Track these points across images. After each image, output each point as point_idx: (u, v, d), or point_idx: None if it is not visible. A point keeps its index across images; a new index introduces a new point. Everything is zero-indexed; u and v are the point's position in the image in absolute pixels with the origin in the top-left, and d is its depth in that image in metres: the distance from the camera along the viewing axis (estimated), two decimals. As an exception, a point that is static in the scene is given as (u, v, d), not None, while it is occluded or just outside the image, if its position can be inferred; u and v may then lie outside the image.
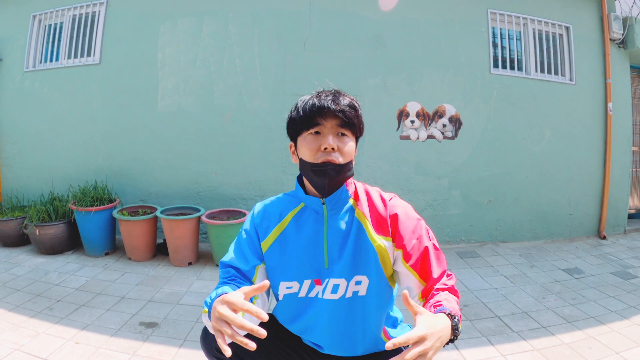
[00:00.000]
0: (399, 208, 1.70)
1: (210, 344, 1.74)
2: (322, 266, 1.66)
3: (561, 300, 4.16)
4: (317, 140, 1.59)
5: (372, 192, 1.77)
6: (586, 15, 6.55)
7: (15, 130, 6.33)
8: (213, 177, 5.78)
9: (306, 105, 1.61)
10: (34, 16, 6.33)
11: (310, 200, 1.69)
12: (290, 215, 1.73)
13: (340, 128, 1.60)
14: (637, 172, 7.54)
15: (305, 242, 1.67)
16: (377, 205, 1.71)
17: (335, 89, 1.68)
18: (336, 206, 1.69)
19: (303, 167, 1.66)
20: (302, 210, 1.73)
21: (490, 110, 6.12)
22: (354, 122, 1.61)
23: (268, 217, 1.75)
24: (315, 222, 1.69)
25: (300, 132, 1.65)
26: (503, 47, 6.32)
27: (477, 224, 6.17)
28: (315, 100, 1.60)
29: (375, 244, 1.63)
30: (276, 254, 1.69)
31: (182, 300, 3.99)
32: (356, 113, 1.62)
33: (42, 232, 5.07)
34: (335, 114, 1.56)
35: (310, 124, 1.60)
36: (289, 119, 1.71)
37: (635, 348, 3.22)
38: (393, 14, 5.88)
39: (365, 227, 1.66)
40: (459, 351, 3.16)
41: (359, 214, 1.69)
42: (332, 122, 1.58)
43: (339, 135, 1.61)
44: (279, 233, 1.71)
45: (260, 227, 1.73)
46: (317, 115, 1.58)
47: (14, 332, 3.23)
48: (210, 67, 5.79)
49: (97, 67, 5.99)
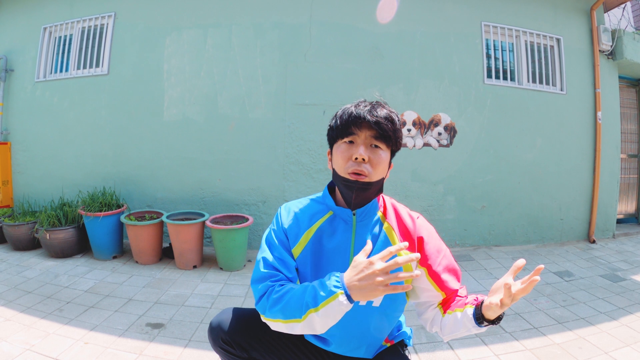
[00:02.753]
0: (425, 230, 1.69)
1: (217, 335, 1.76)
2: None
3: (552, 302, 4.17)
4: (350, 149, 1.56)
5: (400, 208, 1.75)
6: (576, 27, 6.61)
7: (26, 138, 6.38)
8: (217, 183, 5.80)
9: (344, 114, 1.58)
10: (44, 28, 6.39)
11: (340, 210, 1.66)
12: (319, 222, 1.68)
13: (374, 140, 1.55)
14: (625, 178, 7.59)
15: (333, 250, 1.63)
16: (406, 221, 1.70)
17: (378, 101, 1.64)
18: (365, 217, 1.66)
19: (335, 177, 1.64)
20: (331, 218, 1.68)
21: (484, 119, 6.15)
22: (389, 135, 1.56)
23: (298, 222, 1.69)
24: (344, 232, 1.65)
25: (336, 140, 1.62)
26: (496, 58, 6.36)
27: (471, 228, 6.19)
28: (353, 109, 1.57)
29: (402, 260, 1.59)
30: (307, 261, 1.64)
31: (187, 302, 4.00)
32: (393, 126, 1.57)
33: (53, 237, 5.09)
34: (370, 124, 1.52)
35: (345, 132, 1.57)
36: (329, 127, 1.68)
37: (624, 348, 3.23)
38: (390, 26, 5.93)
39: (393, 241, 1.64)
40: (453, 351, 3.17)
41: (387, 227, 1.66)
42: (366, 133, 1.55)
43: (372, 146, 1.56)
44: (308, 240, 1.66)
45: (291, 232, 1.68)
46: (353, 124, 1.55)
47: (25, 333, 3.24)
48: (215, 77, 5.83)
49: (106, 77, 6.03)
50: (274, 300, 1.48)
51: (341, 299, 1.34)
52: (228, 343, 1.75)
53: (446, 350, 3.19)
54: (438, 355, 3.11)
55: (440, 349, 3.21)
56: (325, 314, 1.36)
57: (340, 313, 1.36)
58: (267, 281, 1.55)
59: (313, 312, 1.37)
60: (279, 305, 1.46)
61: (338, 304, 1.34)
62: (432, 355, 3.11)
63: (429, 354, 3.12)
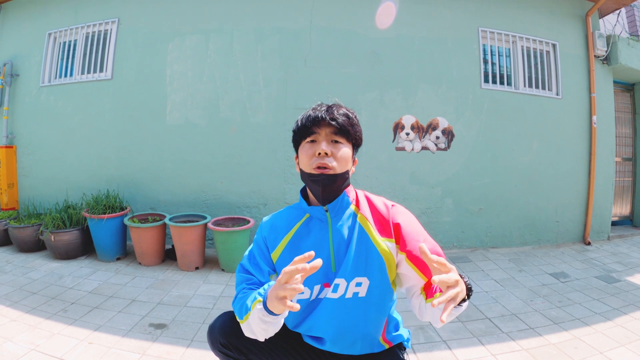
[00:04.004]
0: (402, 215, 1.73)
1: (215, 338, 1.77)
2: (330, 270, 1.68)
3: (548, 302, 4.18)
4: (312, 147, 1.65)
5: (374, 197, 1.80)
6: (572, 33, 6.64)
7: (31, 142, 6.40)
8: (219, 186, 5.81)
9: (304, 117, 1.69)
10: (49, 34, 6.41)
11: (314, 210, 1.73)
12: (296, 226, 1.76)
13: (334, 135, 1.65)
14: (620, 181, 7.61)
15: (313, 250, 1.65)
16: (380, 208, 1.74)
17: (335, 103, 1.73)
18: (339, 212, 1.72)
19: (302, 176, 1.71)
20: (308, 220, 1.76)
21: (481, 123, 6.17)
22: (348, 130, 1.66)
23: (276, 229, 1.78)
24: (320, 230, 1.72)
25: (300, 142, 1.72)
26: (493, 63, 6.38)
27: (469, 230, 6.20)
28: (311, 112, 1.68)
29: (380, 247, 1.65)
30: (286, 262, 1.66)
31: (189, 303, 4.01)
32: (350, 121, 1.67)
33: (57, 238, 5.10)
34: (328, 122, 1.63)
35: (306, 133, 1.67)
36: (292, 132, 1.77)
37: (618, 348, 3.24)
38: (389, 31, 5.95)
39: (368, 230, 1.69)
40: (451, 351, 3.18)
41: (361, 218, 1.71)
42: (326, 130, 1.64)
43: (332, 142, 1.65)
44: (286, 243, 1.74)
45: (269, 240, 1.77)
46: (313, 124, 1.65)
47: (31, 333, 3.25)
48: (216, 82, 5.85)
49: (109, 82, 6.06)
50: (236, 301, 1.64)
51: (258, 307, 1.45)
52: (226, 346, 1.76)
53: (444, 350, 3.20)
54: (436, 355, 3.12)
55: (438, 349, 3.22)
56: (254, 320, 1.48)
57: (263, 323, 1.45)
58: (242, 284, 1.69)
59: (247, 317, 1.51)
60: (236, 308, 1.61)
61: (256, 312, 1.45)
62: (430, 355, 3.12)
63: (427, 354, 3.13)
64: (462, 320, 3.75)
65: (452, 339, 3.40)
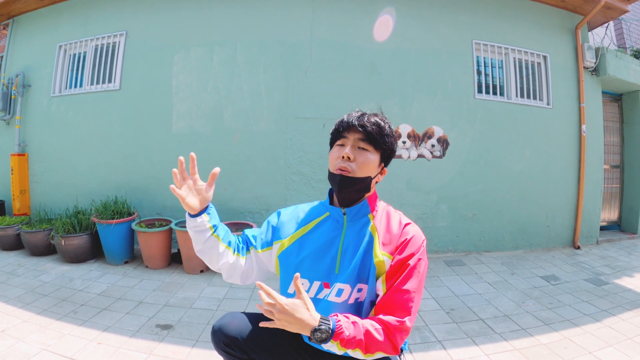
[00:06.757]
0: (409, 248, 1.63)
1: (219, 338, 1.78)
2: (333, 271, 1.66)
3: (539, 304, 4.20)
4: (340, 150, 1.68)
5: (393, 213, 1.78)
6: (562, 45, 6.69)
7: (42, 150, 6.44)
8: (223, 192, 5.82)
9: (339, 121, 1.72)
10: (59, 46, 6.48)
11: (333, 209, 1.75)
12: (316, 220, 1.79)
13: (362, 142, 1.66)
14: (608, 188, 7.64)
15: (322, 246, 1.70)
16: (393, 225, 1.71)
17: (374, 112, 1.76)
18: (355, 218, 1.72)
19: (328, 175, 1.74)
20: (327, 218, 1.77)
21: (475, 132, 6.21)
22: (375, 138, 1.65)
23: (296, 218, 1.84)
24: (334, 230, 1.73)
25: (332, 144, 1.75)
26: (486, 74, 6.42)
27: (463, 235, 6.21)
28: (346, 117, 1.71)
29: (376, 259, 1.62)
30: (295, 251, 1.74)
31: (194, 305, 4.03)
32: (380, 131, 1.66)
33: (67, 243, 5.13)
34: (357, 128, 1.64)
35: (337, 137, 1.71)
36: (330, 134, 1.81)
37: (607, 348, 3.26)
38: (387, 44, 6.00)
39: (375, 240, 1.66)
40: (446, 351, 3.20)
41: (372, 227, 1.70)
42: (354, 136, 1.66)
43: (359, 148, 1.66)
44: (302, 233, 1.77)
45: (285, 224, 1.84)
46: (344, 129, 1.68)
47: (42, 334, 3.27)
48: (220, 92, 5.89)
49: (117, 92, 6.10)
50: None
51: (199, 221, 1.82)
52: (229, 346, 1.76)
53: (439, 350, 3.22)
54: (432, 355, 3.14)
55: (434, 349, 3.24)
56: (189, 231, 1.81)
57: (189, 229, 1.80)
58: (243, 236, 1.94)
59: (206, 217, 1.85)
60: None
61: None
62: (426, 355, 3.14)
63: (423, 354, 3.15)
64: (457, 321, 3.77)
65: (447, 339, 3.42)
